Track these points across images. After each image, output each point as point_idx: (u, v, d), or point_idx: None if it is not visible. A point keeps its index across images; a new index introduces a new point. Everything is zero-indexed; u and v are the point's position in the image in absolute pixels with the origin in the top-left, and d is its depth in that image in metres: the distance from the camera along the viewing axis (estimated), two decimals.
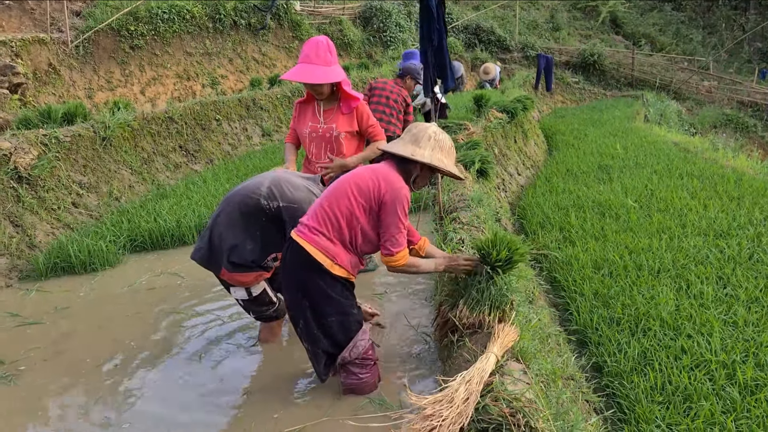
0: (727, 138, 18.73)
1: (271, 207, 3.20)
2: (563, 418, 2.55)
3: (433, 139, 2.95)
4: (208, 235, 3.31)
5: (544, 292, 5.37)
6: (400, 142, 2.98)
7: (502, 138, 10.26)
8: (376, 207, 2.82)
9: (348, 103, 4.01)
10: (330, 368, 2.96)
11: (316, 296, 2.80)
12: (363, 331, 2.92)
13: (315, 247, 2.78)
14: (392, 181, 2.83)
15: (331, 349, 2.88)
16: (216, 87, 14.81)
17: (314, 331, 2.83)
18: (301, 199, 3.21)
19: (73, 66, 12.08)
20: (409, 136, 2.98)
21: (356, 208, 2.81)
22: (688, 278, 5.11)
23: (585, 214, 7.37)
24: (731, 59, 30.52)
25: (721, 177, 8.46)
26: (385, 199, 2.80)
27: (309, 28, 18.09)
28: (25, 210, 5.82)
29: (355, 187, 2.83)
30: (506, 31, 26.29)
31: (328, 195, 2.89)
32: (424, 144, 2.93)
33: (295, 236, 2.83)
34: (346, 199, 2.82)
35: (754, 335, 4.10)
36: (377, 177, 2.84)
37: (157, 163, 8.41)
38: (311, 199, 3.21)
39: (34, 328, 4.14)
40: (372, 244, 2.89)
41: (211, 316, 4.16)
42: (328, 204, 2.84)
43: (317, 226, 2.81)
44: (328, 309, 2.81)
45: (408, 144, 2.94)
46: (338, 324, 2.83)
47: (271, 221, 3.22)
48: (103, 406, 3.07)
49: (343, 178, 2.94)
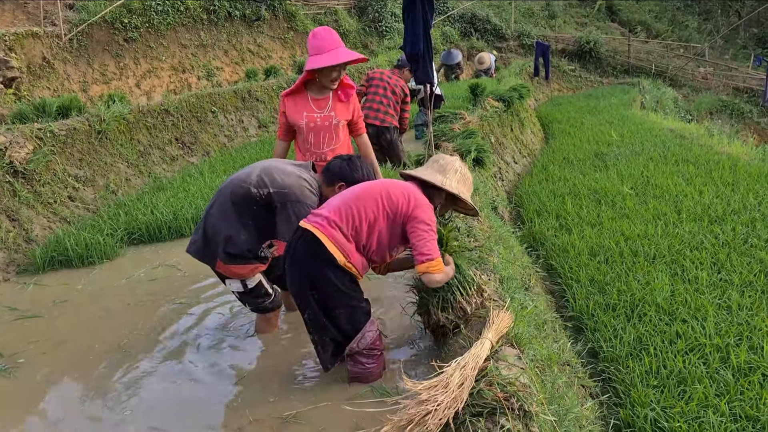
0: (722, 124, 18.73)
1: (262, 194, 3.20)
2: (558, 402, 2.58)
3: (459, 173, 3.07)
4: (202, 227, 3.32)
5: (540, 279, 5.41)
6: (427, 170, 3.06)
7: (499, 127, 10.27)
8: (399, 220, 2.85)
9: (346, 90, 4.01)
10: (336, 357, 2.99)
11: (326, 288, 2.80)
12: (371, 322, 2.94)
13: (331, 241, 2.77)
14: (421, 199, 2.91)
15: (338, 338, 2.90)
16: (211, 79, 14.76)
17: (322, 320, 2.85)
18: (291, 185, 3.21)
19: (67, 59, 12.02)
20: (436, 165, 3.08)
21: (381, 215, 2.84)
22: (683, 264, 5.14)
23: (581, 201, 7.41)
24: (727, 45, 30.47)
25: (717, 163, 8.49)
26: (415, 213, 2.84)
27: (304, 18, 18.00)
28: (22, 204, 5.82)
29: (386, 195, 2.87)
30: (502, 19, 26.18)
31: (355, 195, 2.90)
32: (450, 175, 3.03)
33: (310, 227, 2.81)
34: (373, 203, 2.84)
35: (747, 319, 4.15)
36: (408, 193, 2.90)
37: (153, 155, 8.40)
38: (301, 184, 3.22)
39: (32, 321, 4.16)
40: (381, 253, 2.92)
41: (208, 307, 4.18)
42: (355, 204, 2.85)
43: (338, 220, 2.81)
44: (337, 301, 2.83)
45: (435, 173, 3.03)
46: (346, 315, 2.85)
47: (263, 209, 3.23)
48: (104, 396, 3.10)
49: (374, 183, 3.00)
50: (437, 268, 2.82)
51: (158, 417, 2.89)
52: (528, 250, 5.89)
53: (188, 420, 2.86)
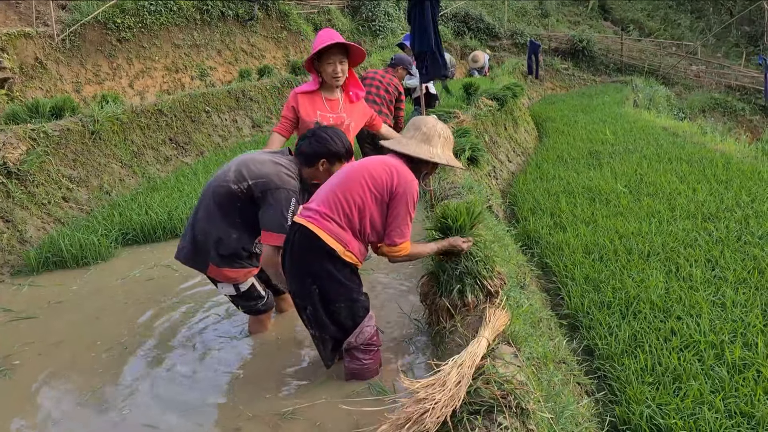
0: (715, 122, 18.81)
1: (242, 189, 3.16)
2: (555, 400, 2.59)
3: (442, 137, 3.03)
4: (191, 232, 3.29)
5: (535, 277, 5.42)
6: (412, 142, 3.00)
7: (493, 125, 10.27)
8: (386, 198, 2.84)
9: (357, 92, 4.03)
10: (336, 353, 3.00)
11: (326, 282, 2.80)
12: (369, 317, 2.94)
13: (327, 233, 2.77)
14: (404, 174, 2.88)
15: (338, 335, 2.90)
16: (205, 79, 14.72)
17: (322, 317, 2.84)
18: (269, 172, 3.16)
19: (60, 60, 11.97)
20: (419, 134, 3.01)
21: (369, 198, 2.82)
22: (677, 261, 5.16)
23: (575, 199, 7.42)
24: (719, 43, 30.57)
25: (710, 161, 8.52)
26: (397, 191, 2.83)
27: (297, 18, 17.97)
28: (15, 205, 5.80)
29: (369, 177, 2.84)
30: (495, 18, 26.22)
31: (339, 182, 2.88)
32: (435, 142, 3.00)
33: (305, 221, 2.81)
34: (359, 187, 2.83)
35: (742, 315, 4.17)
36: (390, 169, 2.86)
37: (147, 156, 8.38)
38: (279, 170, 3.17)
39: (27, 322, 4.14)
40: (378, 234, 2.91)
41: (203, 307, 4.17)
42: (341, 191, 2.84)
43: (329, 212, 2.81)
44: (337, 295, 2.82)
45: (421, 144, 2.99)
46: (346, 310, 2.85)
47: (248, 203, 3.18)
48: (101, 396, 3.09)
49: (356, 166, 2.94)
50: (400, 253, 2.88)
51: (155, 416, 2.90)
52: (523, 249, 5.91)
53: (185, 418, 2.86)
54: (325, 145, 3.22)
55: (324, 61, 3.84)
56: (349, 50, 3.89)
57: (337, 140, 3.25)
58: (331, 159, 3.24)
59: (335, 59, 3.83)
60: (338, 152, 3.25)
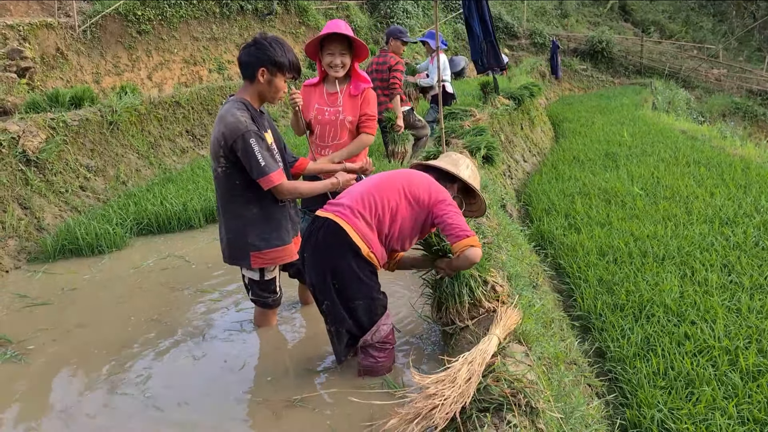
0: (735, 126, 18.60)
1: (226, 159, 3.05)
2: (565, 400, 2.58)
3: (470, 169, 3.21)
4: (223, 233, 3.29)
5: (548, 277, 5.39)
6: (440, 162, 3.19)
7: (509, 125, 10.23)
8: (422, 207, 2.88)
9: (358, 84, 3.98)
10: (350, 349, 3.00)
11: (347, 278, 2.79)
12: (386, 316, 2.94)
13: (355, 230, 2.77)
14: (441, 187, 2.98)
15: (354, 330, 2.90)
16: (223, 72, 14.79)
17: (341, 311, 2.84)
18: (225, 123, 3.00)
19: (80, 50, 12.08)
20: (448, 159, 3.20)
21: (403, 203, 2.86)
22: (692, 265, 5.11)
23: (591, 201, 7.37)
24: (741, 47, 30.23)
25: (729, 165, 8.42)
26: (441, 197, 2.89)
27: (316, 13, 18.00)
28: (34, 193, 5.86)
29: (407, 183, 2.90)
30: (514, 17, 26.11)
31: (375, 185, 2.91)
32: (462, 169, 3.16)
33: (332, 216, 2.80)
34: (396, 194, 2.86)
35: (757, 322, 4.11)
36: (428, 182, 2.95)
37: (163, 147, 8.44)
38: (225, 123, 3.00)
39: (42, 308, 4.19)
40: (402, 241, 2.94)
41: (215, 297, 4.20)
42: (378, 193, 2.86)
43: (361, 209, 2.82)
44: (357, 292, 2.82)
45: (449, 166, 3.15)
46: (364, 307, 2.84)
47: (240, 172, 3.08)
48: (114, 381, 3.12)
49: (394, 173, 3.02)
50: (479, 243, 2.83)
51: (164, 401, 2.91)
52: (536, 249, 5.87)
53: (198, 403, 2.89)
54: (265, 52, 3.04)
55: (324, 50, 3.86)
56: (353, 44, 3.88)
57: (277, 48, 3.07)
58: (270, 68, 3.07)
59: (335, 50, 3.83)
60: (278, 61, 3.06)
